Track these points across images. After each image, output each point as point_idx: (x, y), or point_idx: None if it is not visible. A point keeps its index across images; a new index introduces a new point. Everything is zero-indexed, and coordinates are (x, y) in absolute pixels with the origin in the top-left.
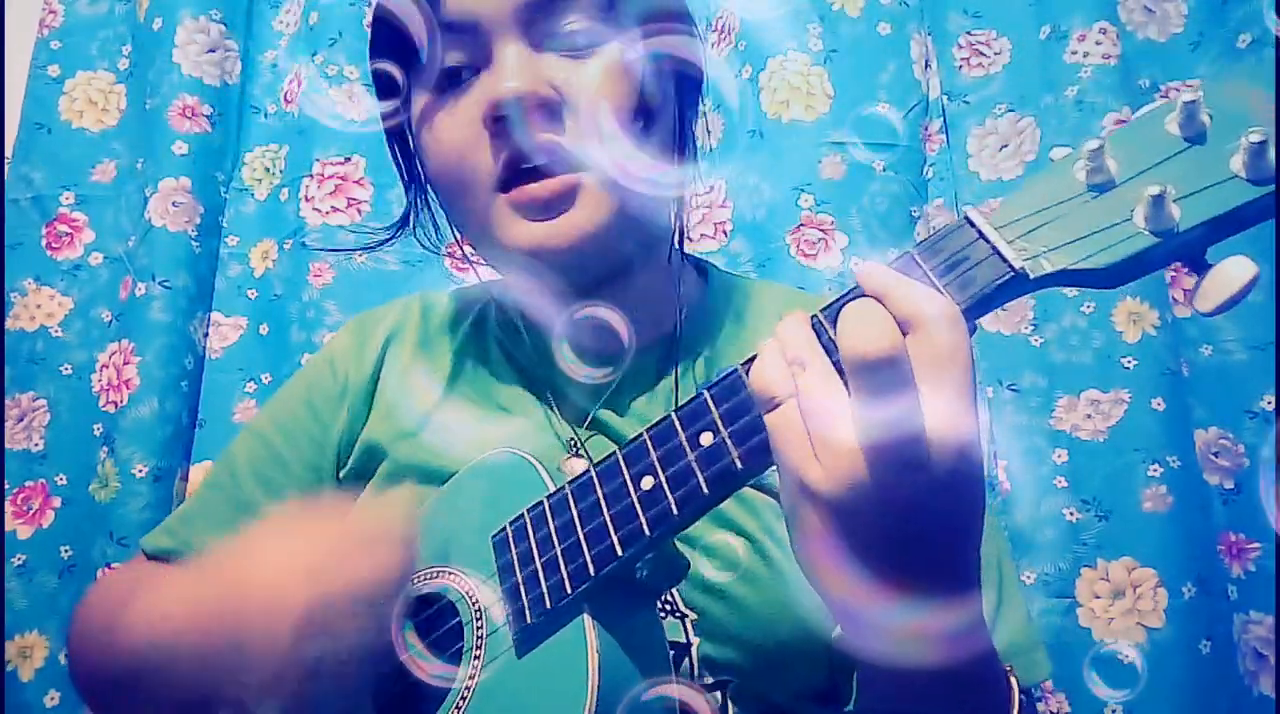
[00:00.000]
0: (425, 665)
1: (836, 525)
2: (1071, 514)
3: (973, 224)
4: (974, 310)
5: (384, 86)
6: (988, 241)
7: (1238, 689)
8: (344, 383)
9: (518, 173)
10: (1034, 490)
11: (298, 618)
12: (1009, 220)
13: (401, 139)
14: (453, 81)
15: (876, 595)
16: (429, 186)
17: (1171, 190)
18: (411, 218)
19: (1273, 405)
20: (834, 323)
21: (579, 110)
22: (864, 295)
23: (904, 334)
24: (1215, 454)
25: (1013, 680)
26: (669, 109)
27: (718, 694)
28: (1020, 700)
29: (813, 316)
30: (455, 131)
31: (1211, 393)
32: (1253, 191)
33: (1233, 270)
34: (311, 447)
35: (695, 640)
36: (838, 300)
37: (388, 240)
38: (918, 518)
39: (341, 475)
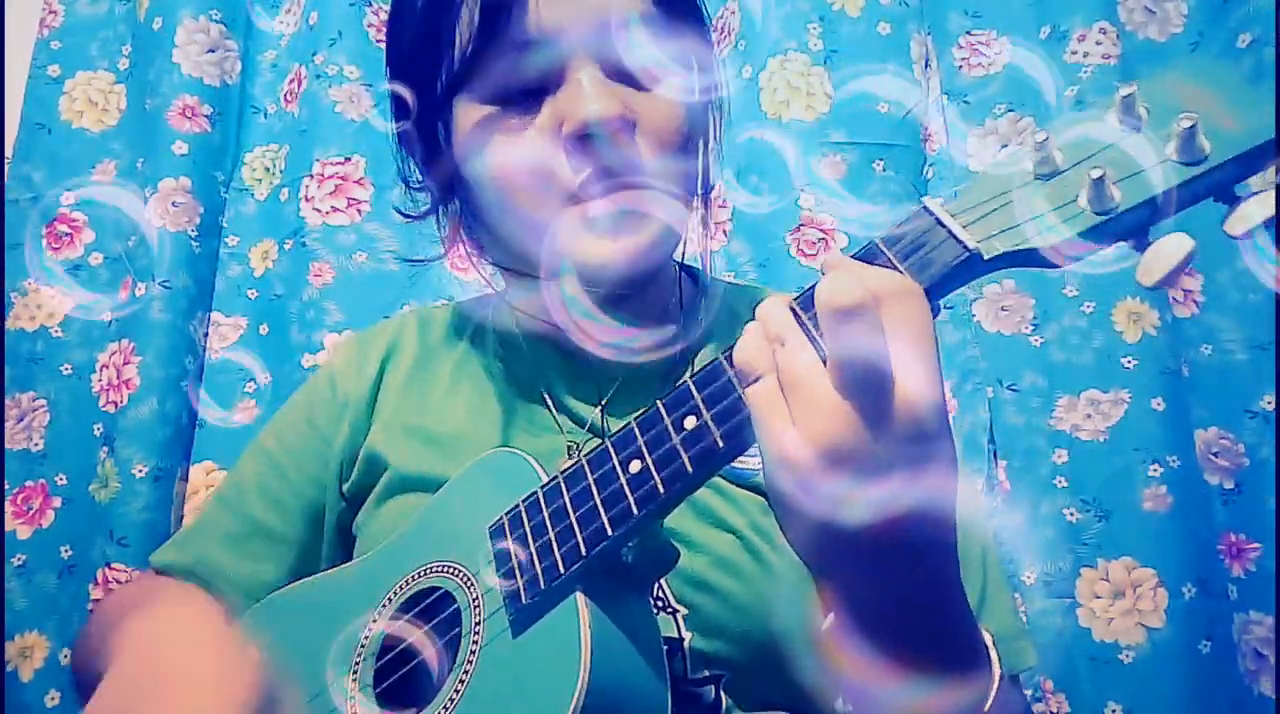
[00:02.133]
0: None
1: (816, 492)
2: (1071, 514)
3: (930, 212)
4: (935, 290)
5: (407, 88)
6: (944, 227)
7: (1238, 689)
8: (344, 399)
9: (593, 189)
10: (1034, 490)
11: None
12: (964, 208)
13: (425, 142)
14: (519, 96)
15: (859, 564)
16: (456, 192)
17: (1112, 173)
18: (438, 220)
19: (1273, 405)
20: (807, 308)
21: (649, 140)
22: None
23: None
24: (1215, 454)
25: (993, 654)
26: (706, 140)
27: (711, 688)
28: (1001, 679)
29: (788, 305)
30: (525, 146)
31: (1211, 393)
32: (1186, 172)
33: (1171, 246)
34: (314, 462)
35: (687, 635)
36: (810, 288)
37: (438, 257)
38: (891, 476)
39: (345, 488)
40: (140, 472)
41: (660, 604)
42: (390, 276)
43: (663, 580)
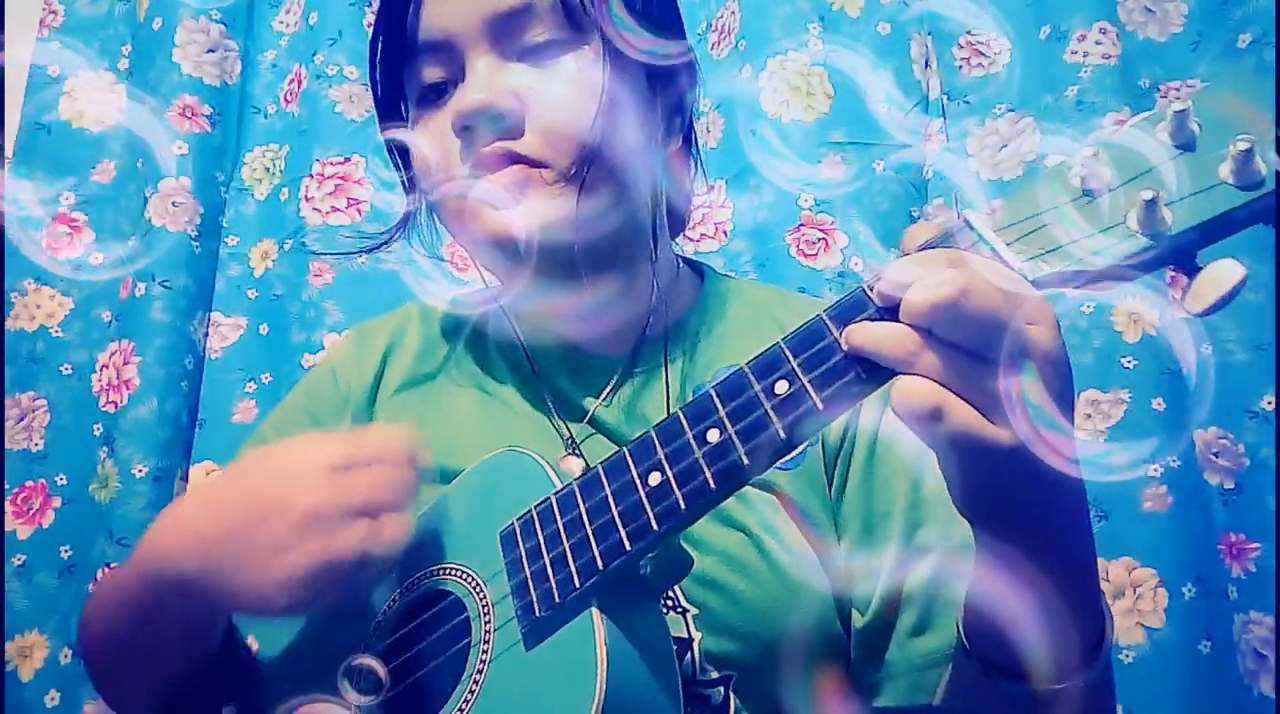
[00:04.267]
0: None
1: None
2: None
3: (972, 227)
4: None
5: (386, 102)
6: (988, 244)
7: (1238, 689)
8: (346, 391)
9: (484, 173)
10: None
11: (301, 519)
12: (1007, 223)
13: (402, 149)
14: (437, 95)
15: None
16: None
17: (1163, 195)
18: (412, 222)
19: (1273, 405)
20: (839, 323)
21: (541, 119)
22: (865, 295)
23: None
24: (1215, 454)
25: (1108, 612)
26: (640, 111)
27: (720, 690)
28: (1111, 638)
29: (817, 316)
30: (434, 141)
31: (1211, 393)
32: (1240, 197)
33: (1222, 272)
34: None
35: (697, 635)
36: (844, 300)
37: (386, 243)
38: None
39: None
40: (140, 472)
41: (670, 604)
42: (390, 276)
43: None
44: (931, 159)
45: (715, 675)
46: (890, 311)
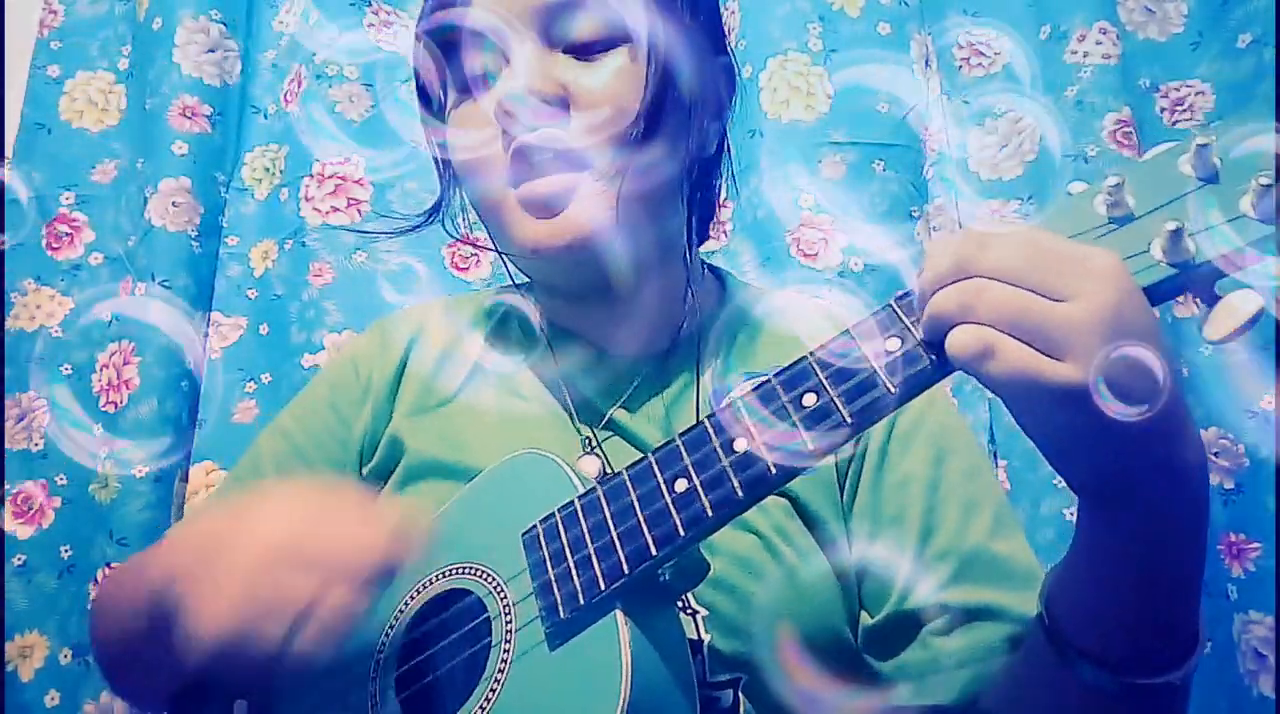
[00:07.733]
0: None
1: (1111, 398)
2: (1071, 514)
3: None
4: None
5: (427, 94)
6: None
7: (1238, 689)
8: (367, 382)
9: (526, 169)
10: (1034, 491)
11: (265, 552)
12: None
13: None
14: (480, 84)
15: (1145, 476)
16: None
17: (1188, 226)
18: (445, 209)
19: (1273, 405)
20: (865, 338)
21: (585, 110)
22: (893, 310)
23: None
24: (1215, 454)
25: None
26: (679, 114)
27: (730, 692)
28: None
29: (845, 331)
30: (474, 129)
31: (1211, 393)
32: (1261, 229)
33: (1241, 302)
34: (334, 444)
35: (706, 636)
36: (870, 317)
37: (419, 227)
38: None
39: (365, 471)
40: (140, 472)
41: (681, 605)
42: (390, 276)
43: None
44: (931, 159)
45: (725, 678)
46: (928, 337)
